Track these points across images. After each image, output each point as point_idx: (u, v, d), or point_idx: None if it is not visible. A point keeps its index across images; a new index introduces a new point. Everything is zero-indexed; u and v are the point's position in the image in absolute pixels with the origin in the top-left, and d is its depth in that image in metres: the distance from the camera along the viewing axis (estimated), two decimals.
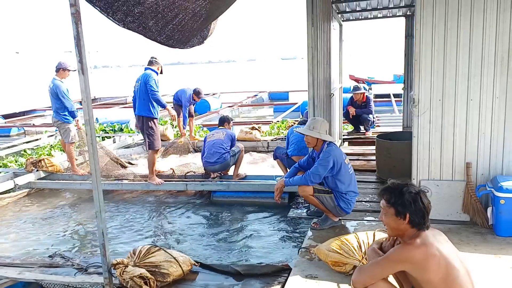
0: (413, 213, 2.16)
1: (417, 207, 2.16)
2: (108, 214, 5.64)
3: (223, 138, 6.24)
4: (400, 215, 2.19)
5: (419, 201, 2.17)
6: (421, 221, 2.16)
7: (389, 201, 2.25)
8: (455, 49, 3.79)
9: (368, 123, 8.21)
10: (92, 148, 2.92)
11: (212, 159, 6.10)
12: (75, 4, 2.74)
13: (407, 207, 2.17)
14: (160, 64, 6.22)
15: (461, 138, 3.93)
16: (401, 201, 2.19)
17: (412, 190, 2.20)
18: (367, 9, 6.72)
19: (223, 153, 6.06)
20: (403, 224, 2.19)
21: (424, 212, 2.16)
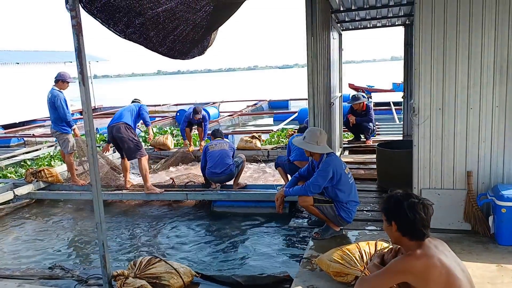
0: (399, 221, 2.16)
1: (401, 215, 2.15)
2: (108, 224, 5.62)
3: (227, 149, 6.25)
4: (388, 222, 2.22)
5: (403, 209, 2.15)
6: (411, 231, 2.14)
7: (381, 209, 2.30)
8: (454, 59, 3.80)
9: (369, 131, 8.22)
10: (93, 159, 2.93)
11: (219, 170, 6.08)
12: (76, 16, 2.77)
13: (392, 214, 2.19)
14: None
15: (461, 146, 3.93)
16: (387, 208, 2.23)
17: (399, 198, 2.19)
18: (366, 18, 6.77)
19: (230, 164, 6.07)
20: (394, 231, 2.19)
21: (410, 222, 2.13)
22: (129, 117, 6.44)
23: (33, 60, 19.80)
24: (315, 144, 3.95)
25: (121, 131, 6.27)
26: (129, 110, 6.56)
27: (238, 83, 62.72)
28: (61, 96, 6.57)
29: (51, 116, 6.78)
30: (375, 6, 5.86)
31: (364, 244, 3.19)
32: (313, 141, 3.96)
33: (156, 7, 2.96)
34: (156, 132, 11.47)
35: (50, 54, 21.83)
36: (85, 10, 2.81)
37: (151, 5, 2.91)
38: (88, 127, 2.88)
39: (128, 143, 6.25)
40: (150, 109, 22.15)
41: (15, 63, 18.87)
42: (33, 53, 21.74)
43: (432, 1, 3.75)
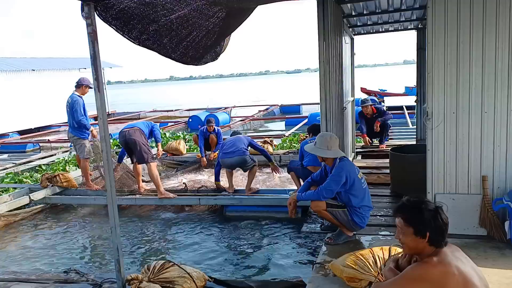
0: (433, 231, 2.12)
1: (437, 225, 2.12)
2: (122, 229, 5.68)
3: (242, 137, 6.44)
4: (420, 234, 2.14)
5: (439, 218, 2.13)
6: (441, 238, 2.13)
7: (407, 220, 2.20)
8: (468, 62, 3.77)
9: (388, 130, 8.18)
10: (108, 164, 2.96)
11: (231, 150, 6.14)
12: (92, 24, 2.82)
13: (427, 225, 2.12)
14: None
15: (476, 151, 3.89)
16: (420, 220, 2.14)
17: (430, 207, 2.16)
18: (378, 22, 6.75)
19: (243, 148, 6.14)
20: (423, 243, 2.14)
21: (443, 229, 2.12)
22: (143, 126, 6.69)
23: (48, 67, 20.16)
24: (326, 149, 3.94)
25: (135, 135, 6.40)
26: (143, 123, 6.89)
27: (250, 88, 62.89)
28: (80, 101, 6.75)
29: (69, 121, 6.90)
30: (387, 11, 5.84)
31: (378, 249, 3.17)
32: (324, 146, 3.95)
33: (169, 14, 3.01)
34: (169, 137, 11.58)
35: (65, 61, 22.19)
36: (101, 18, 2.86)
37: (164, 12, 2.95)
38: (103, 132, 2.93)
39: (141, 146, 6.35)
40: (163, 114, 22.40)
41: (30, 70, 19.23)
42: (48, 60, 22.14)
43: (445, 5, 3.74)
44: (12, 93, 18.00)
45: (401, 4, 5.74)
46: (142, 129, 6.52)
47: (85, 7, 2.79)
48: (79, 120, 6.69)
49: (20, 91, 18.30)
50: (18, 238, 5.60)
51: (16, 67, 18.88)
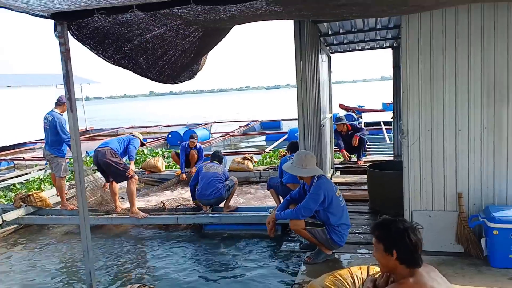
0: (400, 249, 2.13)
1: (404, 244, 2.13)
2: (98, 248, 5.54)
3: (220, 172, 6.22)
4: (388, 251, 2.17)
5: (406, 237, 2.14)
6: (410, 258, 2.13)
7: (378, 237, 2.25)
8: (441, 81, 3.85)
9: (365, 145, 8.26)
10: (80, 185, 2.89)
11: (208, 191, 6.04)
12: (65, 43, 2.77)
13: (394, 243, 2.15)
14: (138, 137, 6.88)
15: (451, 168, 3.95)
16: (388, 237, 2.19)
17: (399, 226, 2.18)
18: (355, 41, 6.86)
19: (219, 188, 6.02)
20: (392, 260, 2.16)
21: (411, 249, 2.12)
22: (116, 145, 6.47)
23: (24, 83, 19.80)
24: (302, 168, 3.94)
25: (106, 156, 6.24)
26: (119, 140, 6.65)
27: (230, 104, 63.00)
28: (63, 120, 6.61)
29: (47, 139, 6.75)
30: (362, 30, 5.95)
31: (356, 269, 3.15)
32: (300, 165, 3.95)
33: (145, 34, 2.98)
34: (147, 154, 11.43)
35: (41, 77, 21.84)
36: (74, 37, 2.82)
37: (140, 31, 2.93)
38: (76, 153, 2.86)
39: (115, 167, 6.23)
40: (142, 130, 22.17)
41: (6, 86, 18.83)
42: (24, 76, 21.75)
43: (418, 25, 3.82)
44: None
45: (376, 24, 5.86)
46: (113, 148, 6.34)
47: (58, 26, 2.75)
48: (66, 139, 6.55)
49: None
50: None
51: None
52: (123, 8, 2.50)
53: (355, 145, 8.11)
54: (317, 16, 3.37)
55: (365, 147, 8.61)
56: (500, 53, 3.73)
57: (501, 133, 3.82)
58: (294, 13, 2.92)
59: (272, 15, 2.84)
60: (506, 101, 3.78)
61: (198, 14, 2.67)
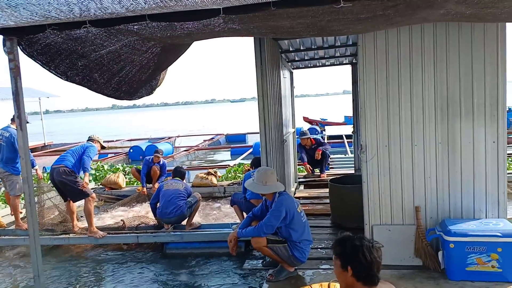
0: (355, 266, 2.14)
1: (358, 260, 2.13)
2: (54, 270, 5.29)
3: (182, 189, 6.10)
4: (344, 267, 2.18)
5: (361, 254, 2.14)
6: (366, 276, 2.13)
7: (335, 253, 2.26)
8: (397, 97, 3.96)
9: (328, 159, 8.37)
10: (30, 206, 2.75)
11: (168, 209, 5.89)
12: (14, 59, 2.66)
13: (348, 259, 2.16)
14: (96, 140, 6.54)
15: (408, 182, 4.04)
16: (343, 253, 2.20)
17: (355, 242, 2.18)
18: (315, 58, 6.98)
19: (181, 205, 5.89)
20: (348, 276, 2.16)
21: (367, 266, 2.12)
22: (70, 159, 6.12)
23: None
24: (262, 184, 3.92)
25: (61, 175, 5.98)
26: (73, 152, 6.28)
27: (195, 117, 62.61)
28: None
29: (2, 155, 6.43)
30: (322, 47, 6.07)
31: (316, 286, 3.12)
32: (260, 181, 3.93)
33: (99, 49, 2.91)
34: (107, 169, 11.12)
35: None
36: (25, 53, 2.72)
37: (94, 47, 2.85)
38: (26, 173, 2.72)
39: (71, 186, 5.97)
40: None
41: None
42: None
43: (374, 43, 3.92)
44: None
45: (335, 41, 5.98)
46: (67, 166, 6.01)
47: (7, 42, 2.63)
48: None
49: None
50: None
51: None
52: (76, 24, 2.42)
53: (318, 159, 8.20)
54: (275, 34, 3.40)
55: (328, 161, 8.73)
56: (452, 70, 3.88)
57: (455, 148, 3.94)
58: (252, 31, 2.93)
59: (230, 32, 2.84)
60: (459, 117, 3.92)
61: (154, 30, 2.63)
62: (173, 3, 1.97)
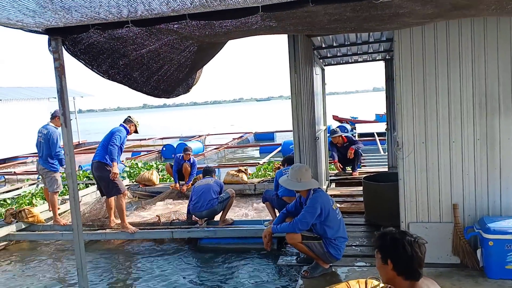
0: (395, 259, 2.12)
1: (399, 253, 2.11)
2: (93, 264, 5.47)
3: (212, 183, 6.22)
4: (384, 260, 2.17)
5: (401, 247, 2.12)
6: (407, 270, 2.11)
7: (376, 247, 2.25)
8: (434, 93, 3.89)
9: (360, 158, 8.28)
10: (74, 201, 2.86)
11: (199, 204, 6.02)
12: (59, 59, 2.76)
13: (388, 252, 2.15)
14: (133, 123, 6.40)
15: (446, 179, 3.96)
16: (383, 246, 2.19)
17: (396, 236, 2.17)
18: (348, 54, 6.93)
19: (211, 199, 5.99)
20: (389, 270, 2.15)
21: (407, 260, 2.11)
22: (101, 152, 6.15)
23: (15, 96, 19.68)
24: (296, 181, 3.93)
25: (96, 170, 6.18)
26: (102, 143, 6.25)
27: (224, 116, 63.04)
28: (57, 133, 6.52)
29: (41, 153, 6.67)
30: (355, 43, 6.01)
31: (354, 283, 3.12)
32: (294, 179, 3.94)
33: (140, 49, 2.98)
34: (141, 167, 11.37)
35: (33, 90, 21.73)
36: (69, 52, 2.82)
37: (135, 46, 2.93)
38: (70, 169, 2.83)
39: (105, 181, 6.13)
40: (136, 143, 22.05)
41: None
42: (16, 89, 21.61)
43: (411, 39, 3.87)
44: None
45: (369, 37, 5.92)
46: (100, 160, 6.09)
47: (52, 42, 2.74)
48: (57, 152, 6.49)
49: None
50: None
51: None
52: (118, 24, 2.50)
53: (351, 158, 8.13)
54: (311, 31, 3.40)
55: (360, 159, 8.64)
56: (490, 66, 3.78)
57: (494, 144, 3.85)
58: (288, 28, 2.94)
59: (267, 30, 2.86)
60: (498, 113, 3.82)
61: (193, 29, 2.69)
62: (217, 2, 2.01)
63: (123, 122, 6.41)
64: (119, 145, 6.08)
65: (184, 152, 8.58)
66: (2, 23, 2.22)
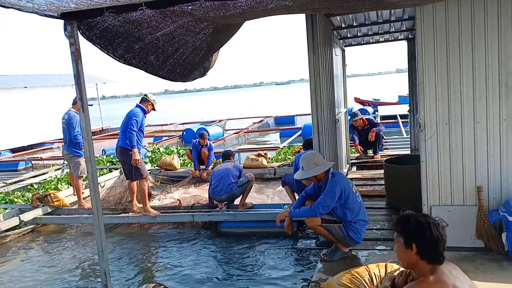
0: (420, 243, 2.07)
1: (424, 237, 2.06)
2: (115, 246, 5.59)
3: (231, 167, 6.24)
4: (407, 244, 2.11)
5: (427, 230, 2.07)
6: (432, 254, 2.06)
7: (398, 230, 2.18)
8: (458, 73, 3.75)
9: (381, 140, 8.15)
10: (94, 186, 2.88)
11: (218, 187, 6.06)
12: (75, 43, 2.76)
13: (414, 236, 2.09)
14: (150, 102, 6.32)
15: (470, 161, 3.85)
16: (408, 230, 2.12)
17: (421, 219, 2.11)
18: (369, 34, 6.74)
19: (230, 184, 6.01)
20: (412, 255, 2.10)
21: (433, 243, 2.06)
22: (122, 137, 6.21)
23: (40, 83, 20.07)
24: (315, 166, 3.88)
25: (121, 154, 6.28)
26: (122, 127, 6.26)
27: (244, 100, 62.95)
28: (77, 118, 6.56)
29: (64, 138, 6.80)
30: (376, 22, 5.84)
31: (373, 266, 3.09)
32: (312, 165, 3.88)
33: (155, 32, 2.95)
34: (162, 152, 11.48)
35: (57, 77, 22.10)
36: (84, 37, 2.81)
37: (150, 30, 2.90)
38: (89, 153, 2.85)
39: (128, 165, 6.23)
40: (157, 128, 22.29)
41: (22, 87, 19.13)
42: (41, 77, 22.04)
43: (433, 16, 3.72)
44: (3, 110, 17.89)
45: (390, 16, 5.74)
46: (121, 146, 6.16)
47: (68, 26, 2.73)
48: (75, 135, 6.58)
49: (12, 108, 18.20)
50: (5, 262, 5.46)
51: (8, 85, 18.78)
52: (132, 6, 2.47)
53: (372, 140, 8.00)
54: (329, 9, 3.30)
55: (382, 142, 8.50)
56: None
57: None
58: (305, 7, 2.86)
59: (283, 9, 2.79)
60: None
61: (207, 10, 2.63)
62: None
63: (140, 102, 6.36)
64: (137, 130, 6.07)
65: (201, 138, 8.60)
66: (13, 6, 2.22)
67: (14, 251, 5.81)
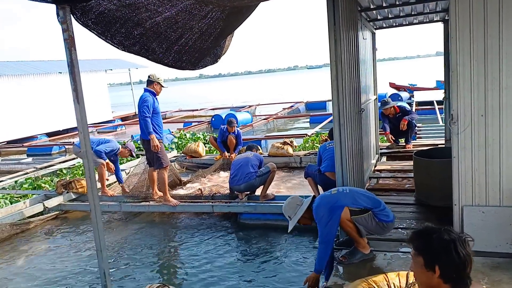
0: (445, 265, 1.76)
1: (450, 258, 1.75)
2: (134, 235, 5.59)
3: (251, 157, 6.05)
4: (429, 266, 1.80)
5: (453, 250, 1.75)
6: (458, 277, 1.76)
7: (417, 248, 1.87)
8: (497, 59, 3.32)
9: (414, 129, 7.71)
10: (91, 182, 2.72)
11: (237, 177, 5.88)
12: (68, 29, 2.56)
13: (437, 257, 1.78)
14: (155, 82, 6.03)
15: (508, 158, 3.44)
16: (430, 249, 1.80)
17: (444, 237, 1.79)
18: (401, 15, 6.26)
19: (248, 173, 5.80)
20: (434, 278, 1.79)
21: (460, 265, 1.75)
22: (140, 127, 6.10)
23: None
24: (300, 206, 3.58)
25: (143, 142, 6.26)
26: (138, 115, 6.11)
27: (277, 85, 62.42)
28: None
29: None
30: (408, 2, 5.37)
31: (393, 276, 2.79)
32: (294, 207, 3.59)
33: (155, 16, 2.73)
34: (188, 138, 11.40)
35: (91, 63, 22.44)
36: (79, 22, 2.61)
37: (148, 14, 2.68)
38: (85, 147, 2.68)
39: (150, 153, 6.15)
40: (188, 114, 22.33)
41: (57, 72, 19.54)
42: None
43: None
44: (40, 95, 18.36)
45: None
46: (142, 137, 6.14)
47: (60, 11, 2.54)
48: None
49: (48, 93, 18.65)
50: (28, 248, 5.50)
51: (44, 70, 19.24)
52: None
53: (403, 129, 7.56)
54: None
55: (415, 131, 8.03)
56: None
57: None
58: None
59: None
60: None
61: None
62: None
63: (147, 86, 6.11)
64: (150, 115, 5.88)
65: (229, 125, 8.42)
66: None
67: (36, 238, 5.85)
